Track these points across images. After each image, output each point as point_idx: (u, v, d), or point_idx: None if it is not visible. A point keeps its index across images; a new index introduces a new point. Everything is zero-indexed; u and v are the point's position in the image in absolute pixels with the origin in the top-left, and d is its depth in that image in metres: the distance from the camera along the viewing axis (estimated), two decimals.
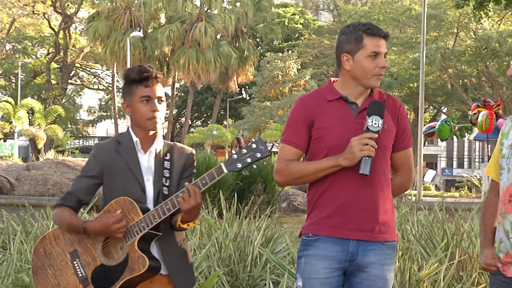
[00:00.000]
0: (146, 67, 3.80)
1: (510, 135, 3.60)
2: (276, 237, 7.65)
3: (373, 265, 3.74)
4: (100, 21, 49.78)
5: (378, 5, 45.38)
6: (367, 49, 3.71)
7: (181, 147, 3.98)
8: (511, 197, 3.48)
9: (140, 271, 3.63)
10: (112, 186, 3.79)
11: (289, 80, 51.94)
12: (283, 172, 3.76)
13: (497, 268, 3.58)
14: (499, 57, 39.58)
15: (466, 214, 8.74)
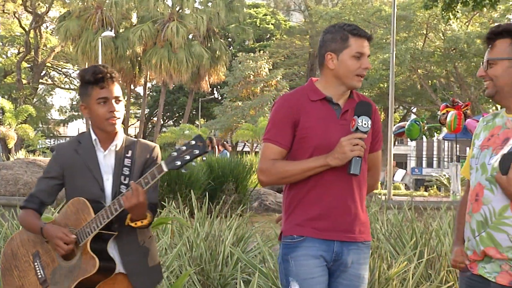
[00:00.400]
0: (101, 68, 3.74)
1: (481, 136, 3.64)
2: (247, 236, 7.65)
3: (353, 265, 3.79)
4: (71, 21, 49.49)
5: (348, 6, 45.56)
6: (352, 49, 3.72)
7: (144, 143, 3.94)
8: (478, 196, 3.52)
9: (91, 272, 3.60)
10: (72, 186, 3.77)
11: (261, 80, 51.96)
12: (270, 172, 3.72)
13: (466, 266, 3.62)
14: (467, 58, 39.87)
15: (435, 213, 8.79)
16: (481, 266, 3.52)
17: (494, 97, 3.55)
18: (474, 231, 3.51)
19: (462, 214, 3.71)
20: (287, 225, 3.77)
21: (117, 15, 50.09)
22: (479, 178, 3.53)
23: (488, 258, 3.48)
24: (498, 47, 3.50)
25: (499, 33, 3.52)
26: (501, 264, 3.44)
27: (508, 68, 3.46)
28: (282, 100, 3.84)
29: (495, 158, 3.46)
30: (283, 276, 3.77)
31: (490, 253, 3.45)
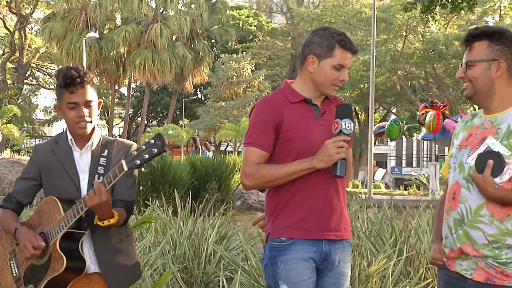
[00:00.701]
0: (71, 72, 3.64)
1: (460, 135, 3.65)
2: (230, 234, 7.66)
3: (340, 263, 3.80)
4: (56, 22, 49.27)
5: (330, 8, 45.64)
6: (335, 59, 3.70)
7: (121, 142, 3.90)
8: (455, 195, 3.54)
9: (59, 270, 3.57)
10: (50, 186, 3.74)
11: (243, 81, 52.02)
12: (255, 176, 3.67)
13: (443, 263, 3.64)
14: (445, 59, 40.05)
15: (414, 211, 8.83)
16: (458, 263, 3.54)
17: (472, 98, 3.56)
18: (451, 229, 3.53)
19: (441, 212, 3.72)
20: (275, 228, 3.74)
21: (101, 16, 49.93)
22: (456, 177, 3.55)
23: (464, 255, 3.50)
24: (476, 49, 3.52)
25: (477, 35, 3.54)
26: (477, 261, 3.46)
27: (487, 69, 3.48)
28: (262, 103, 3.80)
29: (472, 157, 3.48)
30: (271, 278, 3.74)
31: (466, 250, 3.47)
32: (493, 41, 3.49)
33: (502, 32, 3.51)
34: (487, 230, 3.40)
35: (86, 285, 3.74)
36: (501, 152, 3.38)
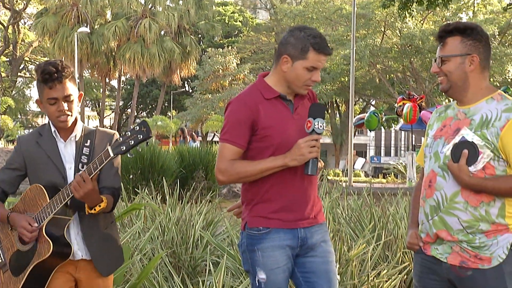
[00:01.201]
0: (49, 67, 3.60)
1: (434, 126, 3.67)
2: (216, 220, 7.65)
3: (320, 244, 3.81)
4: (48, 17, 48.96)
5: (311, 5, 45.54)
6: (308, 62, 3.66)
7: (103, 131, 3.89)
8: (431, 183, 3.55)
9: (45, 255, 3.56)
10: (36, 176, 3.72)
11: (229, 74, 51.92)
12: (229, 172, 3.65)
13: (420, 247, 3.65)
14: (422, 54, 40.11)
15: (392, 199, 8.84)
16: (434, 248, 3.56)
17: (448, 91, 3.57)
18: (428, 215, 3.55)
19: (417, 199, 3.75)
20: (252, 218, 3.75)
21: (92, 12, 49.67)
22: (432, 165, 3.57)
23: (440, 240, 3.52)
24: (449, 45, 3.52)
25: (449, 31, 3.54)
26: (452, 246, 3.48)
27: (461, 64, 3.49)
28: (237, 100, 3.75)
29: (447, 147, 3.49)
30: (249, 265, 3.76)
31: (442, 235, 3.49)
32: (465, 36, 3.50)
33: (473, 27, 3.53)
34: (461, 216, 3.42)
35: (72, 271, 3.72)
36: (475, 142, 3.40)
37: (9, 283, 3.66)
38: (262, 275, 3.69)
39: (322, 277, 3.78)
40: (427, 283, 3.63)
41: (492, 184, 3.38)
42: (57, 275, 3.66)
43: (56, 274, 3.65)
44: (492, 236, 3.40)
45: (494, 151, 3.37)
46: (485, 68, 3.54)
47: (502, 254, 3.40)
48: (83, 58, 49.18)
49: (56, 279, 3.66)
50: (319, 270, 3.78)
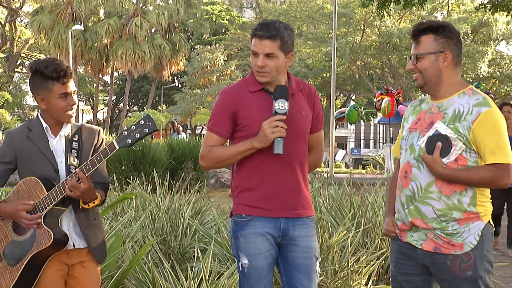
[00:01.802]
0: (61, 65, 3.62)
1: (410, 119, 3.68)
2: (204, 210, 7.65)
3: (302, 238, 3.79)
4: (44, 15, 48.75)
5: (295, 4, 45.53)
6: (251, 48, 3.76)
7: (89, 127, 3.89)
8: (407, 174, 3.56)
9: (46, 244, 3.54)
10: (27, 169, 3.67)
11: (217, 70, 51.82)
12: (207, 157, 3.73)
13: (396, 234, 3.67)
14: (399, 51, 40.20)
15: (371, 188, 8.86)
16: (409, 235, 3.58)
17: (423, 87, 3.58)
18: (404, 204, 3.56)
19: (393, 189, 3.76)
20: (236, 205, 3.78)
21: (86, 10, 49.49)
22: (408, 157, 3.58)
23: (415, 228, 3.53)
24: (423, 43, 3.53)
25: (423, 30, 3.55)
26: (426, 233, 3.50)
27: (435, 61, 3.49)
28: (224, 93, 3.81)
29: (422, 140, 3.50)
30: (234, 250, 3.79)
31: (417, 223, 3.50)
32: (438, 34, 3.51)
33: (445, 25, 3.54)
34: (435, 205, 3.44)
35: (65, 259, 3.70)
36: (448, 135, 3.42)
37: (5, 272, 3.63)
38: (245, 260, 3.70)
39: (302, 272, 3.78)
40: (403, 268, 3.64)
41: (464, 174, 3.40)
42: (50, 263, 3.64)
43: (49, 263, 3.63)
44: (464, 224, 3.42)
45: (466, 143, 3.39)
46: (457, 64, 3.55)
47: (473, 240, 3.42)
48: (77, 55, 49.01)
49: (49, 267, 3.64)
50: (300, 265, 3.78)
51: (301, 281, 3.77)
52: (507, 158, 3.38)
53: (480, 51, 38.38)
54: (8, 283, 3.60)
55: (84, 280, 3.76)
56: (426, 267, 3.55)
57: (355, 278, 5.69)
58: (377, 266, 6.01)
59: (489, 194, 3.52)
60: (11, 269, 3.61)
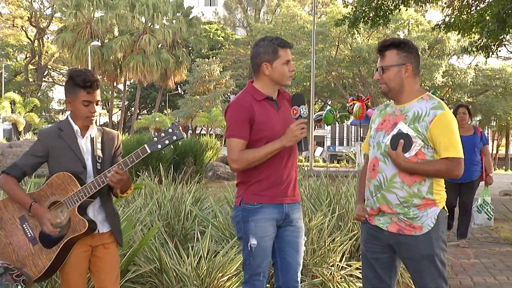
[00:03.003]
0: (90, 76, 3.61)
1: (376, 121, 3.68)
2: (202, 198, 7.63)
3: (297, 220, 3.86)
4: (67, 33, 48.62)
5: (280, 24, 45.56)
6: (282, 58, 3.71)
7: (109, 131, 3.88)
8: (374, 167, 3.57)
9: (81, 231, 3.54)
10: (57, 164, 3.63)
11: (213, 80, 51.85)
12: (241, 161, 3.66)
13: (366, 218, 3.67)
14: (368, 64, 40.29)
15: (344, 180, 8.86)
16: (377, 219, 3.58)
17: (387, 94, 3.58)
18: (372, 193, 3.56)
19: (363, 180, 3.76)
20: (248, 195, 3.76)
21: (103, 29, 49.41)
22: (375, 153, 3.58)
23: (382, 213, 3.53)
24: (388, 57, 3.53)
25: (387, 46, 3.55)
26: (391, 217, 3.50)
27: (398, 72, 3.50)
28: (236, 103, 3.75)
29: (387, 138, 3.50)
30: (243, 233, 3.77)
31: (383, 209, 3.51)
32: (400, 49, 3.51)
33: (406, 42, 3.55)
34: (399, 193, 3.44)
35: (90, 242, 3.69)
36: (409, 133, 3.42)
37: (41, 254, 3.58)
38: (254, 241, 3.71)
39: (293, 247, 3.84)
40: (371, 247, 3.64)
41: (423, 167, 3.40)
42: (78, 245, 3.64)
43: (76, 245, 3.63)
44: (423, 209, 3.43)
45: (424, 140, 3.40)
46: (417, 74, 3.56)
47: (430, 223, 3.43)
48: (95, 66, 48.93)
49: (76, 249, 3.64)
50: (292, 242, 3.84)
51: (292, 255, 3.83)
52: (458, 153, 3.40)
53: (435, 64, 38.57)
54: (45, 263, 3.57)
55: (106, 259, 3.75)
56: (391, 246, 3.55)
57: (331, 255, 5.69)
58: (350, 245, 6.00)
59: (443, 184, 3.53)
60: (47, 251, 3.58)
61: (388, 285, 3.65)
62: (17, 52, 62.58)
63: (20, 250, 3.62)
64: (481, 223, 8.83)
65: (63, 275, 3.68)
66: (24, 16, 54.82)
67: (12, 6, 54.42)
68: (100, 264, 3.74)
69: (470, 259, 7.75)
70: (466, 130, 8.20)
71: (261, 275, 3.75)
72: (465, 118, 8.27)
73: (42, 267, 3.57)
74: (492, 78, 41.57)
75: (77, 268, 3.66)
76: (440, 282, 3.45)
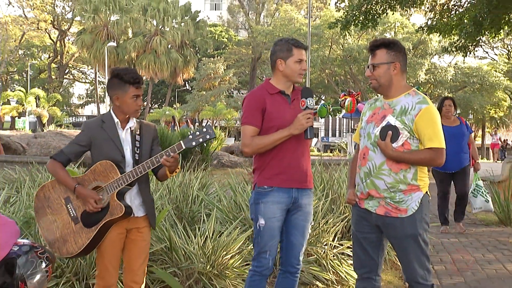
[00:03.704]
0: (137, 73, 3.67)
1: (367, 113, 3.68)
2: (208, 183, 7.62)
3: (306, 205, 3.83)
4: (86, 35, 48.48)
5: (278, 26, 45.48)
6: (295, 56, 3.73)
7: (147, 124, 3.89)
8: (364, 155, 3.56)
9: (118, 215, 3.56)
10: (99, 153, 3.66)
11: (218, 77, 51.74)
12: (251, 145, 3.68)
13: (356, 202, 3.66)
14: (358, 62, 40.22)
15: (337, 167, 8.85)
16: (366, 202, 3.57)
17: (377, 89, 3.58)
18: (362, 179, 3.56)
19: (354, 167, 3.75)
20: (261, 179, 3.76)
21: (118, 31, 49.30)
22: (365, 143, 3.57)
23: (371, 197, 3.53)
24: (378, 55, 3.52)
25: (378, 45, 3.55)
26: (379, 201, 3.50)
27: (387, 69, 3.50)
28: (251, 95, 3.79)
29: (377, 129, 3.51)
30: (254, 214, 3.78)
31: (372, 193, 3.51)
32: (389, 48, 3.51)
33: (395, 42, 3.55)
34: (386, 180, 3.44)
35: (125, 224, 3.71)
36: (397, 125, 3.43)
37: (81, 232, 3.60)
38: (262, 221, 3.72)
39: (298, 230, 3.83)
40: (361, 228, 3.64)
41: (408, 156, 3.40)
42: (114, 228, 3.65)
43: (113, 227, 3.65)
44: (408, 194, 3.43)
45: (410, 132, 3.41)
46: (404, 72, 3.56)
47: (414, 206, 3.43)
48: (111, 65, 48.73)
49: (112, 231, 3.65)
50: (298, 225, 3.83)
51: (296, 237, 3.83)
52: (441, 144, 3.40)
53: (419, 62, 38.53)
54: (85, 241, 3.59)
55: (137, 242, 3.76)
56: (379, 227, 3.56)
57: (325, 236, 5.69)
58: (341, 226, 6.01)
59: (427, 171, 3.54)
60: (87, 230, 3.60)
61: (376, 262, 3.66)
62: (41, 52, 62.57)
63: (63, 228, 3.65)
64: (480, 206, 8.36)
65: (99, 253, 3.70)
66: (48, 20, 54.71)
67: (37, 11, 54.37)
68: (132, 246, 3.76)
69: (450, 239, 7.77)
70: (452, 121, 8.02)
71: (267, 253, 3.73)
72: (451, 110, 8.05)
73: (82, 244, 3.60)
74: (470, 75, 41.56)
75: (112, 248, 3.68)
76: (423, 259, 3.46)
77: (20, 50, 59.20)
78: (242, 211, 5.97)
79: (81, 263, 4.60)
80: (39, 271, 3.29)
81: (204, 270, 4.91)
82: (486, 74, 41.55)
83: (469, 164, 8.10)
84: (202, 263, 4.93)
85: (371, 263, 3.65)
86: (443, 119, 7.83)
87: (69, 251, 3.61)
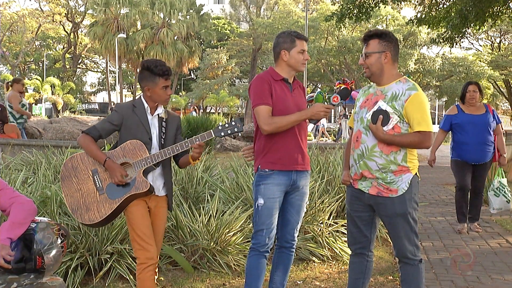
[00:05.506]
0: (166, 66, 3.70)
1: (361, 99, 3.66)
2: (212, 166, 7.63)
3: (303, 187, 3.84)
4: (98, 27, 48.25)
5: (277, 19, 45.20)
6: (298, 47, 3.73)
7: (172, 113, 3.92)
8: (358, 138, 3.56)
9: (143, 190, 3.57)
10: (129, 133, 3.67)
11: (221, 66, 51.55)
12: (270, 123, 3.62)
13: (350, 183, 3.65)
14: (352, 53, 40.01)
15: (332, 151, 8.85)
16: (360, 183, 3.57)
17: (370, 77, 3.58)
18: (356, 160, 3.55)
19: (348, 150, 3.75)
20: (263, 162, 3.74)
21: (128, 23, 49.04)
22: (359, 126, 3.57)
23: (364, 178, 3.53)
24: (371, 45, 3.51)
25: (371, 35, 3.54)
26: (371, 181, 3.49)
27: (379, 58, 3.48)
28: (258, 79, 3.74)
29: (369, 114, 3.50)
30: (255, 194, 3.77)
31: (365, 174, 3.50)
32: (381, 39, 3.50)
33: (387, 33, 3.54)
34: (378, 161, 3.43)
35: (147, 201, 3.71)
36: (388, 110, 3.42)
37: (105, 203, 3.59)
38: (261, 201, 3.71)
39: (294, 208, 3.85)
40: (355, 207, 3.64)
41: (399, 139, 3.40)
42: (138, 202, 3.64)
43: (136, 201, 3.63)
44: (398, 175, 3.43)
45: (400, 116, 3.40)
46: (395, 61, 3.54)
47: (404, 187, 3.43)
48: (121, 55, 48.71)
49: (138, 205, 3.64)
50: (294, 204, 3.84)
51: (291, 214, 3.84)
52: (429, 127, 3.39)
53: (408, 53, 38.35)
54: (107, 211, 3.59)
55: (155, 221, 3.76)
56: (371, 206, 3.56)
57: (321, 215, 5.70)
58: (336, 206, 6.01)
59: (416, 154, 3.54)
60: (110, 201, 3.59)
61: (369, 239, 3.67)
62: (56, 43, 62.34)
63: (87, 197, 3.64)
64: (500, 207, 6.94)
65: (132, 228, 3.63)
66: (62, 13, 54.54)
67: (52, 4, 54.19)
68: (152, 222, 3.75)
69: (437, 217, 7.77)
70: (477, 108, 6.65)
71: (264, 231, 3.72)
72: (476, 96, 6.62)
73: (104, 214, 3.59)
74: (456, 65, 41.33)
75: (143, 219, 3.64)
76: (412, 236, 3.47)
77: (36, 42, 58.96)
78: (244, 192, 5.98)
79: (93, 239, 4.61)
80: (55, 247, 3.30)
81: (208, 247, 4.92)
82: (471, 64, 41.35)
83: (492, 158, 6.72)
84: (206, 240, 4.94)
85: (364, 239, 3.66)
86: (466, 106, 6.67)
87: (91, 219, 3.60)
